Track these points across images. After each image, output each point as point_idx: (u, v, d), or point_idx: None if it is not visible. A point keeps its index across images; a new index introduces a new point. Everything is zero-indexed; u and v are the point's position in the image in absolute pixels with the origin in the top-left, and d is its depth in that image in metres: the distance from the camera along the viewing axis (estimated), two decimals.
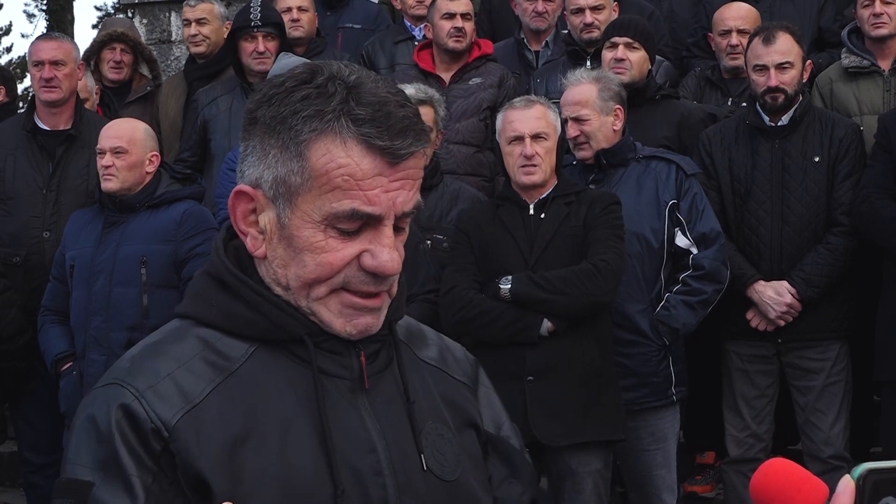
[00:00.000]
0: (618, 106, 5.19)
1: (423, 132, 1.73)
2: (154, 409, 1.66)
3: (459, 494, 1.84)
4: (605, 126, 5.15)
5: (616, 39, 5.77)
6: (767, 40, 5.42)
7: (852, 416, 5.46)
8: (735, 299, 5.35)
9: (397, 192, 1.70)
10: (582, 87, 5.14)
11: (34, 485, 5.92)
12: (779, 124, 5.46)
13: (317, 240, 1.71)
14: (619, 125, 5.21)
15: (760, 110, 5.49)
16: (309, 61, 1.75)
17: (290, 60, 5.83)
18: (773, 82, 5.37)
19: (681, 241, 5.11)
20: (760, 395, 5.48)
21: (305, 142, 1.68)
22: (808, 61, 5.63)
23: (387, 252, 1.71)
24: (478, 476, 1.91)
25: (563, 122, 5.08)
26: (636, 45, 5.76)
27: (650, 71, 5.90)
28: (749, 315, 5.38)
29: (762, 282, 5.33)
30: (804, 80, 5.60)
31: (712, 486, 6.16)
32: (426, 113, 5.10)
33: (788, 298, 5.28)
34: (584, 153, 5.16)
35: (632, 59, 5.74)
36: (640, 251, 5.05)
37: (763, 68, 5.41)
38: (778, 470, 1.63)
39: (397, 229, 1.75)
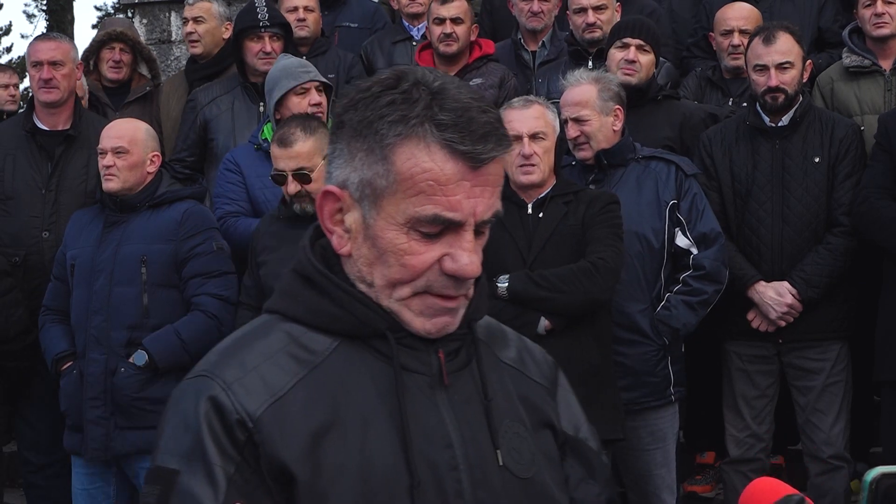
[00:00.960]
0: (617, 106, 5.22)
1: (505, 137, 1.79)
2: (240, 400, 1.75)
3: (534, 492, 1.90)
4: (605, 126, 5.18)
5: (628, 40, 5.78)
6: (768, 40, 5.45)
7: (852, 416, 5.49)
8: (735, 299, 5.38)
9: (478, 199, 1.77)
10: (582, 88, 5.17)
11: (34, 485, 5.96)
12: (779, 125, 5.48)
13: (400, 242, 1.78)
14: (618, 125, 5.24)
15: (761, 111, 5.52)
16: (395, 68, 1.85)
17: (289, 61, 5.88)
18: (774, 82, 5.40)
19: (681, 241, 5.15)
20: (761, 395, 5.51)
21: (391, 146, 1.75)
22: (809, 61, 5.66)
23: (467, 256, 1.77)
24: (553, 475, 1.96)
25: (563, 123, 5.12)
26: (647, 47, 5.79)
27: (655, 73, 5.94)
28: (750, 316, 5.41)
29: (763, 282, 5.35)
30: (804, 80, 5.63)
31: (712, 486, 6.19)
32: None
33: (789, 299, 5.31)
34: (585, 153, 5.19)
35: (642, 61, 5.78)
36: (640, 251, 5.09)
37: (763, 68, 5.44)
38: (762, 489, 1.70)
39: (478, 233, 1.81)
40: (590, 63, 6.29)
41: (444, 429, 1.83)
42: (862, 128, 5.83)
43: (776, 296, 5.33)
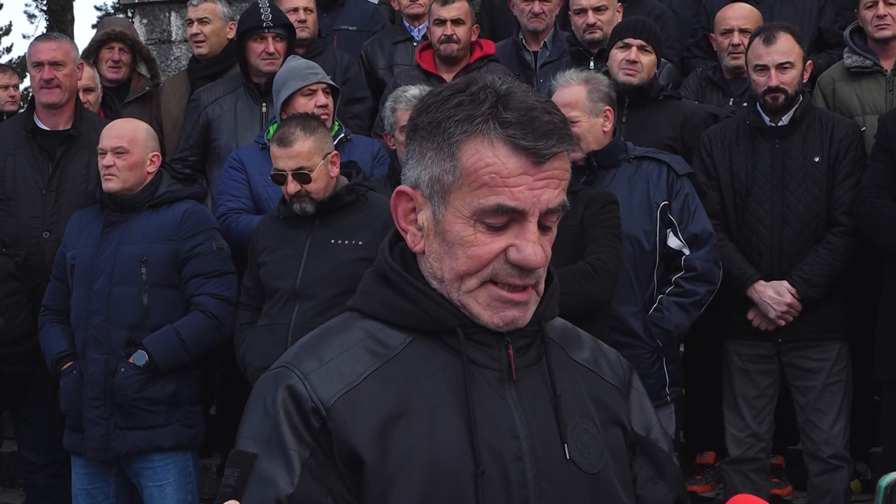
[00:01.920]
0: (607, 107, 5.22)
1: (569, 136, 1.87)
2: (315, 390, 1.85)
3: (600, 488, 1.95)
4: (594, 127, 5.19)
5: (629, 41, 5.79)
6: (768, 40, 5.47)
7: (852, 416, 5.51)
8: (735, 299, 5.40)
9: (542, 191, 1.84)
10: (571, 89, 5.18)
11: (34, 485, 5.97)
12: (779, 125, 5.50)
13: (467, 234, 1.85)
14: (609, 126, 5.24)
15: (761, 110, 5.54)
16: (468, 75, 1.96)
17: (297, 63, 5.92)
18: (774, 82, 5.42)
19: (673, 242, 5.14)
20: (761, 394, 5.53)
21: (457, 143, 1.84)
22: (809, 61, 5.67)
23: (531, 246, 1.83)
24: (620, 473, 2.01)
25: None
26: (648, 48, 5.80)
27: (656, 74, 5.95)
28: (750, 315, 5.43)
29: (762, 282, 5.37)
30: (805, 81, 5.64)
31: (712, 485, 6.20)
32: None
33: (788, 298, 5.33)
34: (575, 154, 5.15)
35: (643, 62, 5.79)
36: (632, 253, 5.07)
37: (764, 68, 5.46)
38: None
39: (545, 228, 1.87)
40: (591, 63, 6.33)
41: (510, 421, 1.89)
42: (863, 128, 5.85)
43: (775, 295, 5.34)
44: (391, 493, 1.80)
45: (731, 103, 6.48)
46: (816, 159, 5.45)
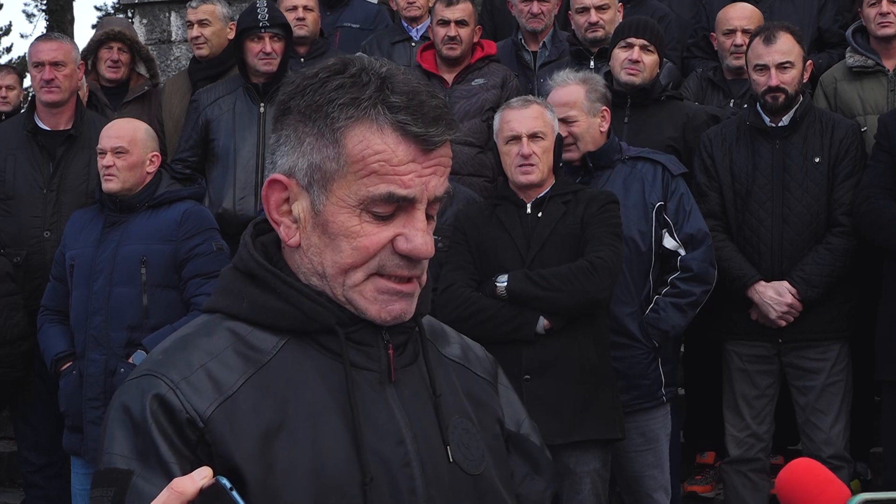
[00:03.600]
0: (604, 107, 5.24)
1: (454, 122, 1.80)
2: (189, 399, 1.71)
3: (484, 488, 1.89)
4: (592, 127, 5.20)
5: (632, 40, 5.79)
6: (768, 40, 5.47)
7: (852, 417, 5.51)
8: (736, 299, 5.41)
9: (429, 178, 1.77)
10: (570, 88, 5.19)
11: (34, 485, 6.00)
12: (779, 125, 5.51)
13: (352, 224, 1.76)
14: (605, 127, 5.25)
15: (761, 111, 5.55)
16: (339, 56, 1.85)
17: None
18: (774, 82, 5.43)
19: (668, 242, 5.16)
20: (761, 394, 5.53)
21: (342, 129, 1.73)
22: (809, 62, 5.67)
23: (420, 235, 1.76)
24: (500, 472, 1.95)
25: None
26: (651, 48, 5.80)
27: (658, 73, 5.96)
28: (753, 316, 5.44)
29: (763, 282, 5.37)
30: (805, 80, 5.65)
31: (712, 486, 6.21)
32: None
33: (789, 299, 5.33)
34: (572, 154, 5.19)
35: (646, 61, 5.78)
36: (628, 254, 5.06)
37: (764, 68, 5.46)
38: (803, 469, 1.72)
39: (428, 217, 1.80)
40: (591, 63, 6.33)
41: (395, 425, 1.82)
42: (864, 128, 5.86)
43: (776, 295, 5.34)
44: None
45: (731, 104, 6.47)
46: (817, 160, 5.45)
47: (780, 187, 5.46)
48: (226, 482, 1.47)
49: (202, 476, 1.47)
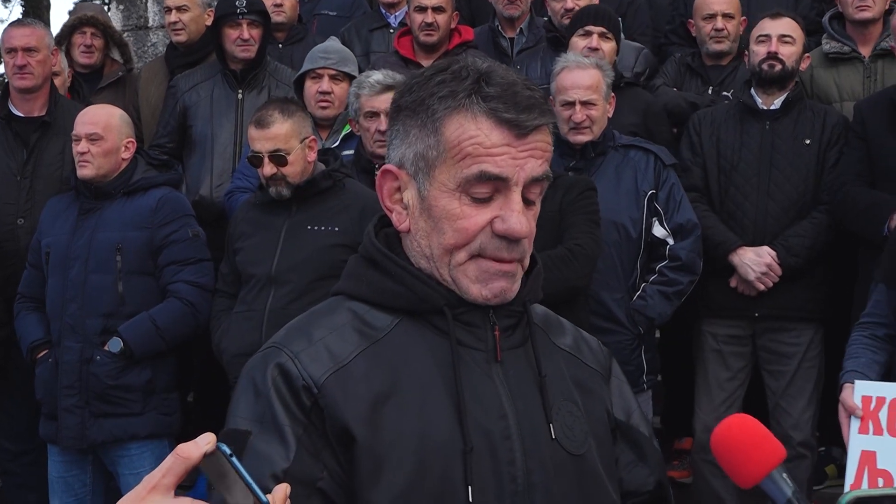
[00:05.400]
0: (613, 94, 5.30)
1: (549, 111, 1.90)
2: (306, 368, 1.86)
3: (584, 469, 1.97)
4: (604, 114, 5.24)
5: (590, 28, 5.86)
6: (775, 17, 5.69)
7: (826, 403, 5.53)
8: (716, 269, 5.44)
9: (525, 161, 1.86)
10: (591, 72, 5.18)
11: (10, 472, 5.98)
12: (771, 108, 5.57)
13: (452, 207, 1.87)
14: (611, 113, 5.30)
15: (754, 94, 5.61)
16: (448, 58, 2.04)
17: (320, 45, 6.05)
18: (774, 48, 5.54)
19: (658, 231, 5.20)
20: (732, 377, 5.57)
21: (440, 118, 1.87)
22: (807, 54, 5.77)
23: (516, 216, 1.85)
24: (603, 457, 2.03)
25: (564, 105, 5.12)
26: (609, 35, 5.87)
27: (615, 60, 5.97)
28: (733, 282, 5.47)
29: (745, 247, 5.42)
30: (802, 69, 5.74)
31: (689, 471, 6.22)
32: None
33: (768, 259, 5.36)
34: (585, 137, 5.19)
35: (604, 49, 5.84)
36: (618, 240, 5.12)
37: (766, 39, 5.57)
38: (738, 426, 1.72)
39: (528, 203, 1.89)
40: (569, 49, 6.30)
41: (498, 400, 1.91)
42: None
43: (756, 257, 5.38)
44: (383, 469, 1.81)
45: (710, 91, 6.48)
46: (807, 142, 5.52)
47: (769, 165, 5.51)
48: (226, 449, 1.51)
49: (206, 442, 1.50)
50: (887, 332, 4.40)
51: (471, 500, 1.83)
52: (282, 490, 1.56)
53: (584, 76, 5.17)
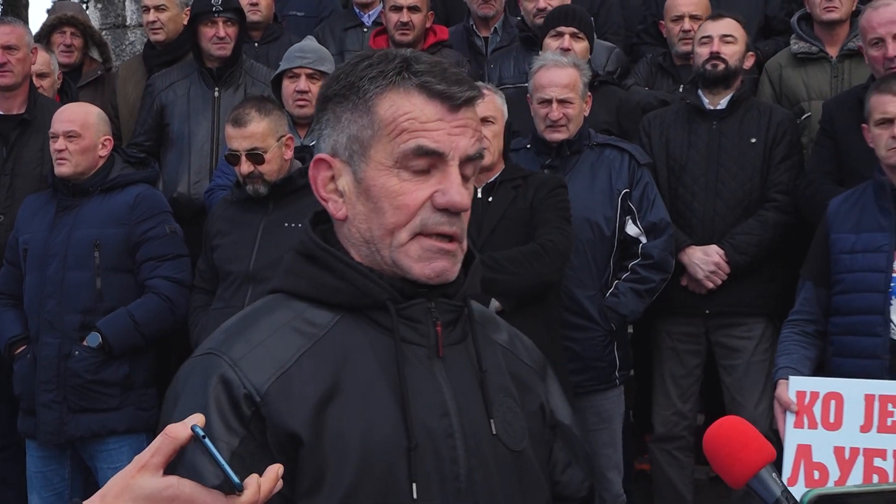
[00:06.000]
0: (589, 94, 5.35)
1: (477, 87, 1.92)
2: (247, 376, 1.81)
3: (523, 465, 1.98)
4: (581, 112, 5.29)
5: (562, 29, 5.92)
6: (715, 18, 5.80)
7: None
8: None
9: (459, 137, 1.87)
10: (568, 71, 5.24)
11: None
12: (717, 107, 5.64)
13: (392, 184, 1.87)
14: (587, 112, 5.35)
15: (701, 94, 5.68)
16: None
17: (297, 44, 6.06)
18: (716, 48, 5.62)
19: (631, 229, 5.26)
20: (688, 374, 5.65)
21: (372, 97, 1.87)
22: (751, 52, 5.81)
23: (455, 188, 1.86)
24: (538, 454, 2.04)
25: (541, 103, 5.18)
26: (581, 35, 5.93)
27: (589, 60, 6.02)
28: (683, 281, 5.53)
29: (694, 246, 5.49)
30: (746, 68, 5.78)
31: None
32: None
33: (716, 258, 5.43)
34: (561, 135, 5.25)
35: (576, 49, 5.89)
36: (591, 238, 5.17)
37: (708, 39, 5.65)
38: (729, 426, 1.76)
39: (465, 178, 1.90)
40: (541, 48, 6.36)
41: (440, 398, 1.90)
42: (808, 114, 6.00)
43: (704, 256, 5.45)
44: (327, 471, 1.80)
45: (680, 90, 6.52)
46: (753, 140, 5.58)
47: (716, 164, 5.57)
48: (199, 430, 1.53)
49: (194, 421, 1.53)
50: (816, 328, 4.51)
51: (415, 496, 1.83)
52: (273, 471, 1.58)
53: (561, 75, 5.22)
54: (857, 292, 4.36)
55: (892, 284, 4.28)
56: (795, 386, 4.13)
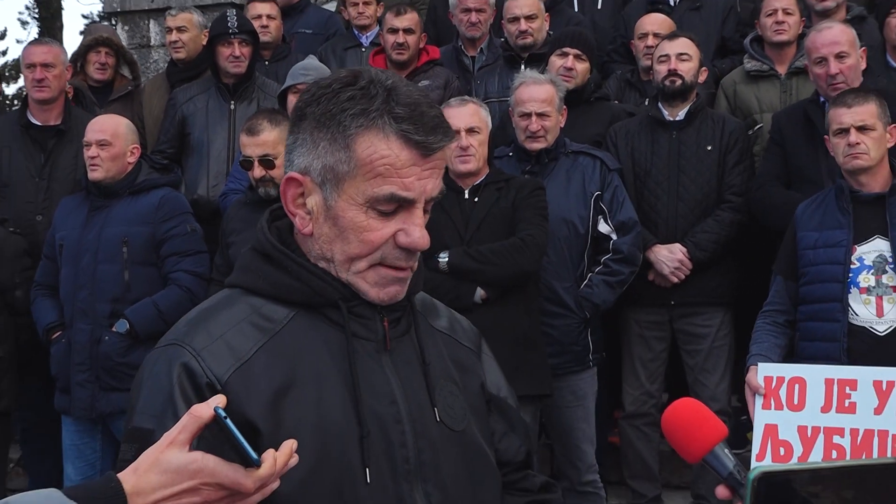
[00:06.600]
0: (564, 107, 5.38)
1: (450, 129, 1.86)
2: (209, 366, 1.77)
3: (466, 443, 1.97)
4: (557, 123, 5.32)
5: (567, 50, 5.96)
6: (671, 38, 5.81)
7: (738, 376, 5.63)
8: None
9: (427, 180, 1.82)
10: (546, 87, 5.27)
11: (30, 440, 6.07)
12: (676, 119, 5.67)
13: (360, 220, 1.81)
14: (563, 124, 5.38)
15: (661, 107, 5.71)
16: (350, 68, 1.91)
17: (302, 62, 6.03)
18: (673, 66, 5.63)
19: (603, 227, 5.29)
20: (655, 357, 5.68)
21: (353, 136, 1.79)
22: (704, 68, 5.85)
23: (418, 230, 1.82)
24: (481, 428, 2.03)
25: (522, 116, 5.22)
26: (583, 56, 5.97)
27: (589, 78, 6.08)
28: (650, 276, 5.56)
29: (659, 245, 5.53)
30: (700, 82, 5.82)
31: None
32: None
33: (679, 255, 5.47)
34: (539, 145, 5.28)
35: (578, 68, 5.95)
36: (567, 235, 5.21)
37: (666, 58, 5.67)
38: (684, 407, 1.77)
39: (424, 211, 1.85)
40: (522, 66, 6.39)
41: (389, 387, 1.88)
42: (760, 125, 6.05)
43: (669, 253, 5.49)
44: None
45: (646, 103, 6.55)
46: (709, 148, 5.61)
47: (677, 170, 5.61)
48: (221, 411, 1.53)
49: (216, 403, 1.54)
50: (787, 318, 4.55)
51: (368, 480, 1.81)
52: (288, 446, 1.58)
53: (539, 91, 5.25)
54: (819, 283, 4.38)
55: (849, 275, 4.31)
56: (763, 371, 4.16)
